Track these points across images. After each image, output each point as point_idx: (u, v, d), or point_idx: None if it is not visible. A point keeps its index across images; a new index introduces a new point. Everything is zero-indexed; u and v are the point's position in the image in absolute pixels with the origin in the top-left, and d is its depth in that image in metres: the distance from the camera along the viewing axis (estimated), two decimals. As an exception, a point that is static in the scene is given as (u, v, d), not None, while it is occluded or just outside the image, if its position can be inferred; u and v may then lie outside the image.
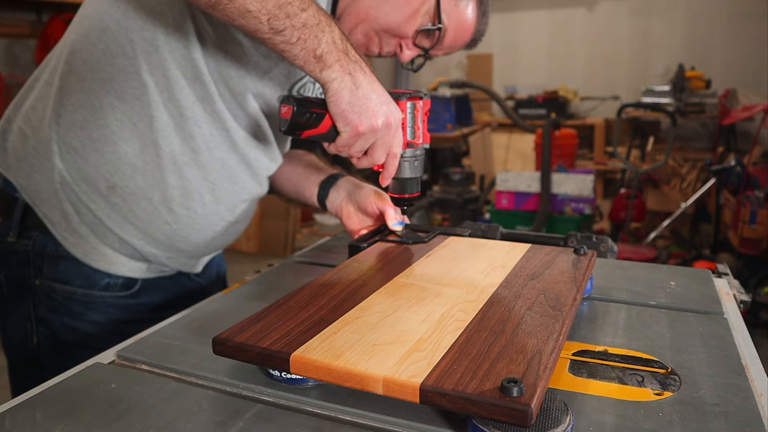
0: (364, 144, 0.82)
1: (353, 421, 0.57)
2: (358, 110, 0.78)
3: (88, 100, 0.92)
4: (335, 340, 0.61)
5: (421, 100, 0.89)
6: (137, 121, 0.92)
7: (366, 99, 0.78)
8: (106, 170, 0.94)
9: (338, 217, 1.09)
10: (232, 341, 0.61)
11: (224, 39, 0.91)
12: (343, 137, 0.80)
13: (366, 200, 1.04)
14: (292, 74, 1.00)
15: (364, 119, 0.78)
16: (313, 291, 0.75)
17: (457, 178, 3.98)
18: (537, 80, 6.43)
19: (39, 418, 0.58)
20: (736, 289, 0.93)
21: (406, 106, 0.87)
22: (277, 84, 0.99)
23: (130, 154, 0.94)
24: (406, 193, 0.93)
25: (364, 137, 0.80)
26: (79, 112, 0.93)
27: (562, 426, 0.51)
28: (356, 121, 0.78)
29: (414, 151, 0.90)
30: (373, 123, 0.79)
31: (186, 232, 1.00)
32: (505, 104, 5.16)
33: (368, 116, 0.78)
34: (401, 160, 0.89)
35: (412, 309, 0.69)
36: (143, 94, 0.91)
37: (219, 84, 0.94)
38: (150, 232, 0.99)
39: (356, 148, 0.82)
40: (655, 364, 0.66)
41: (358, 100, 0.78)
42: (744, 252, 3.35)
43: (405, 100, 0.87)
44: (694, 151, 5.42)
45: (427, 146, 0.92)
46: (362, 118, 0.78)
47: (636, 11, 6.11)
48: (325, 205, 1.10)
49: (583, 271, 0.80)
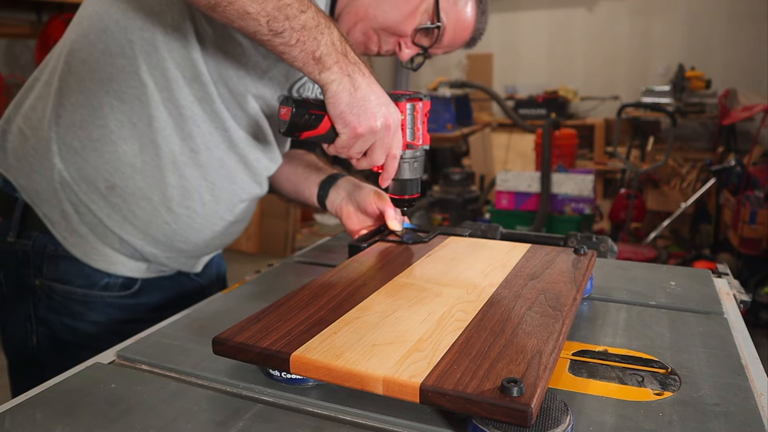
0: (363, 145, 0.82)
1: (353, 421, 0.57)
2: (357, 111, 0.78)
3: (87, 100, 0.92)
4: (335, 340, 0.61)
5: (420, 102, 0.88)
6: (136, 121, 0.92)
7: (365, 100, 0.78)
8: (106, 170, 0.94)
9: (338, 217, 1.09)
10: (232, 341, 0.61)
11: (223, 39, 0.91)
12: (342, 139, 0.80)
13: (366, 200, 1.04)
14: (291, 74, 1.00)
15: (362, 120, 0.78)
16: (313, 291, 0.75)
17: (457, 178, 3.98)
18: (537, 80, 6.43)
19: (39, 418, 0.58)
20: (736, 289, 0.93)
21: (405, 107, 0.87)
22: (276, 84, 0.99)
23: (130, 154, 0.94)
24: (406, 195, 0.93)
25: (363, 138, 0.80)
26: (79, 112, 0.93)
27: (562, 426, 0.51)
28: (355, 123, 0.78)
29: (414, 152, 0.90)
30: (372, 124, 0.79)
31: (186, 232, 1.00)
32: (505, 104, 5.16)
33: (367, 117, 0.78)
34: (401, 161, 0.89)
35: (412, 309, 0.69)
36: (142, 94, 0.91)
37: (218, 84, 0.94)
38: (150, 232, 0.99)
39: (355, 149, 0.82)
40: (655, 364, 0.66)
41: (356, 102, 0.78)
42: (744, 252, 3.35)
43: (404, 102, 0.87)
44: (694, 151, 5.42)
45: (427, 147, 0.92)
46: (361, 120, 0.78)
47: (636, 11, 6.11)
48: (325, 205, 1.10)
49: (583, 271, 0.80)
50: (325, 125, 0.81)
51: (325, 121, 0.80)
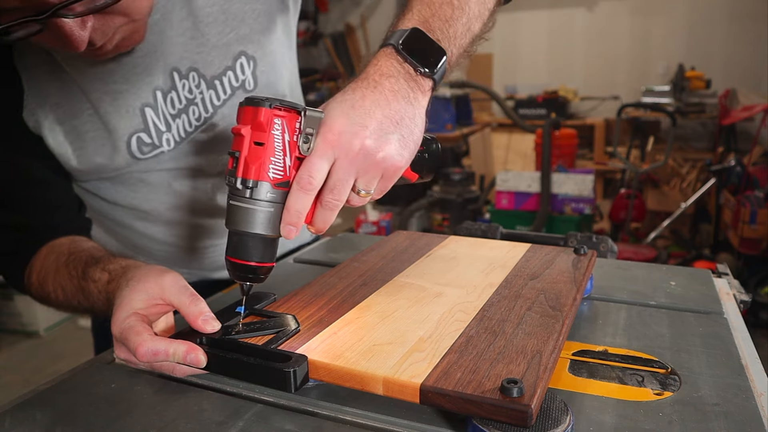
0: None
1: (353, 421, 0.57)
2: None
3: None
4: (335, 340, 0.61)
5: (299, 116, 0.60)
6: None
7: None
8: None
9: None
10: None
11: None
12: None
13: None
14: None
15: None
16: (313, 291, 0.75)
17: (457, 178, 3.99)
18: (537, 80, 6.43)
19: (39, 418, 0.58)
20: (736, 289, 0.93)
21: (271, 119, 0.58)
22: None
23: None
24: (253, 260, 0.61)
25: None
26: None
27: (562, 426, 0.51)
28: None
29: (275, 192, 0.60)
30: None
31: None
32: (505, 104, 5.16)
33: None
34: (241, 203, 0.60)
35: (412, 309, 0.69)
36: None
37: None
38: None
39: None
40: (655, 364, 0.66)
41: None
42: (744, 252, 3.35)
43: (269, 108, 0.58)
44: (694, 151, 5.42)
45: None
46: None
47: (636, 11, 6.11)
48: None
49: (583, 271, 0.80)
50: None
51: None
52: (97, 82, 0.80)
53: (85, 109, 0.82)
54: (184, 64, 0.84)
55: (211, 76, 0.86)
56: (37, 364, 3.11)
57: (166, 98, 0.84)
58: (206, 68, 0.85)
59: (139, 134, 0.84)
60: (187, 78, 0.85)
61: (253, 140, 0.59)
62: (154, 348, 0.60)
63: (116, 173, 0.87)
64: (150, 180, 0.90)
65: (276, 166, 0.59)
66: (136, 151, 0.85)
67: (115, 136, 0.83)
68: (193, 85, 0.85)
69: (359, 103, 0.60)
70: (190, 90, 0.85)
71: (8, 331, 3.45)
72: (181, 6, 0.81)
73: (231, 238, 0.62)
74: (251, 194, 0.59)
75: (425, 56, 0.64)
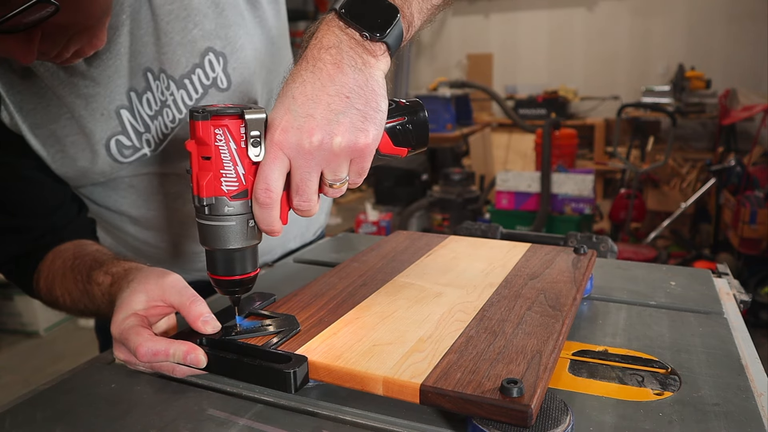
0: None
1: (353, 421, 0.57)
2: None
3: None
4: (335, 340, 0.61)
5: (241, 121, 0.56)
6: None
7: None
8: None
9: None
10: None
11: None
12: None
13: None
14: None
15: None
16: (313, 291, 0.75)
17: (457, 178, 3.99)
18: (537, 80, 6.43)
19: (39, 418, 0.58)
20: (736, 289, 0.93)
21: (209, 131, 0.56)
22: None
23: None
24: (236, 273, 0.61)
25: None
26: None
27: (562, 426, 0.51)
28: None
29: (234, 204, 0.58)
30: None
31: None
32: (505, 104, 5.16)
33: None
34: (206, 221, 0.58)
35: (412, 309, 0.69)
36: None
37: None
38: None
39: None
40: (655, 364, 0.66)
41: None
42: (744, 252, 3.35)
43: (206, 120, 0.55)
44: (694, 151, 5.42)
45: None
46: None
47: (636, 11, 6.11)
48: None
49: (583, 271, 0.80)
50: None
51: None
52: (69, 86, 0.79)
53: (62, 114, 0.81)
54: (156, 64, 0.82)
55: (180, 75, 0.83)
56: (37, 364, 3.11)
57: (141, 99, 0.83)
58: (174, 68, 0.82)
59: (118, 137, 0.83)
60: (158, 78, 0.83)
61: (200, 155, 0.56)
62: (154, 348, 0.60)
63: (105, 178, 0.86)
64: (139, 185, 0.89)
65: (228, 179, 0.56)
66: (116, 154, 0.83)
67: (93, 140, 0.82)
68: (163, 86, 0.83)
69: (299, 91, 0.55)
70: (162, 91, 0.84)
71: (8, 331, 3.45)
72: (146, 6, 0.79)
73: (207, 255, 0.60)
74: (210, 211, 0.57)
75: (373, 17, 0.56)
